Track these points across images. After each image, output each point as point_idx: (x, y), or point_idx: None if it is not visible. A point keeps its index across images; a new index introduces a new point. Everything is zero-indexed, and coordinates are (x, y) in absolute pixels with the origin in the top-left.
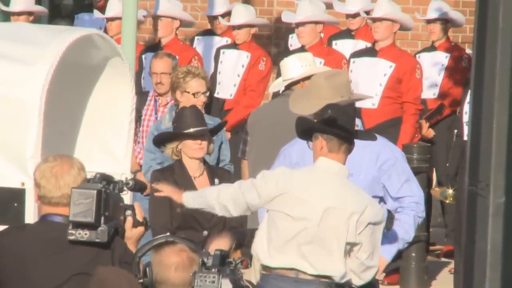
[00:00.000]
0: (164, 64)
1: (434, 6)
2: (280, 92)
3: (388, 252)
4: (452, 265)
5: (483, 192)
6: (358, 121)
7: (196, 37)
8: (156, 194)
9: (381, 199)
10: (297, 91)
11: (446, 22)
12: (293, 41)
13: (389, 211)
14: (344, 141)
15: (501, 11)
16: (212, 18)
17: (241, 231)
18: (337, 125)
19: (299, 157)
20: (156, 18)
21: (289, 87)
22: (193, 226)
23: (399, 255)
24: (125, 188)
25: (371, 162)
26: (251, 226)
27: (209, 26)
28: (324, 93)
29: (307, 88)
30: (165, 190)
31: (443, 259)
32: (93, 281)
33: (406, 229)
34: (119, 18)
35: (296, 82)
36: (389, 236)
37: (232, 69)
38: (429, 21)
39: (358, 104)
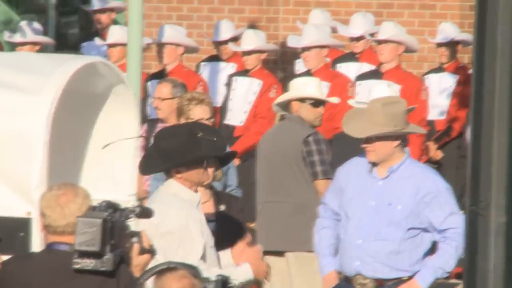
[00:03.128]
0: (162, 89)
1: (443, 29)
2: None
3: (424, 280)
4: (461, 286)
5: (484, 211)
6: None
7: (202, 63)
8: None
9: (424, 230)
10: (352, 110)
11: (456, 44)
12: (300, 66)
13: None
14: None
15: (499, 31)
16: (218, 44)
17: None
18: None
19: (344, 181)
20: (160, 45)
21: (283, 108)
22: None
23: None
24: (131, 215)
25: (411, 195)
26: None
27: (214, 52)
28: (378, 119)
29: (363, 110)
30: None
31: (452, 281)
32: None
33: (446, 259)
34: (121, 44)
35: (288, 103)
36: (428, 264)
37: (243, 96)
38: (439, 45)
39: None
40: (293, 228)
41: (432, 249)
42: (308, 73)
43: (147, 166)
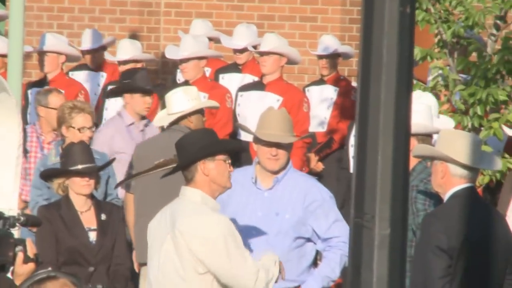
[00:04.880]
0: (62, 99)
1: (324, 41)
2: (165, 126)
3: (312, 285)
4: None
5: (369, 223)
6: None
7: (69, 72)
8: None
9: (308, 240)
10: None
11: (337, 56)
12: (181, 76)
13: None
14: None
15: (385, 44)
16: (86, 52)
17: (125, 274)
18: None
19: (226, 194)
20: (41, 53)
21: (177, 121)
22: (79, 262)
23: None
24: (17, 224)
25: (298, 203)
26: (140, 260)
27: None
28: (288, 127)
29: (266, 118)
30: None
31: None
32: None
33: (332, 267)
34: (1, 55)
35: (184, 117)
36: (314, 273)
37: (119, 105)
38: (321, 57)
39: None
40: None
41: (315, 259)
42: (186, 83)
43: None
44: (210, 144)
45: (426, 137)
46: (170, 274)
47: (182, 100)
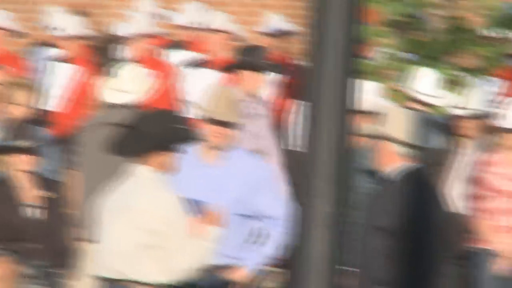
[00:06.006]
0: None
1: (269, 19)
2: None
3: (252, 266)
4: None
5: (311, 202)
6: None
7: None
8: None
9: (251, 217)
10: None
11: (282, 34)
12: (126, 53)
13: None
14: None
15: (332, 23)
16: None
17: (67, 251)
18: None
19: None
20: None
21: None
22: (20, 238)
23: None
24: None
25: (242, 179)
26: (86, 237)
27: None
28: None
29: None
30: None
31: (274, 269)
32: None
33: (273, 244)
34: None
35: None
36: (255, 250)
37: (58, 81)
38: (265, 35)
39: None
40: None
41: (257, 236)
42: (133, 61)
43: (124, 148)
44: (164, 136)
45: (377, 115)
46: (124, 250)
47: (135, 80)
